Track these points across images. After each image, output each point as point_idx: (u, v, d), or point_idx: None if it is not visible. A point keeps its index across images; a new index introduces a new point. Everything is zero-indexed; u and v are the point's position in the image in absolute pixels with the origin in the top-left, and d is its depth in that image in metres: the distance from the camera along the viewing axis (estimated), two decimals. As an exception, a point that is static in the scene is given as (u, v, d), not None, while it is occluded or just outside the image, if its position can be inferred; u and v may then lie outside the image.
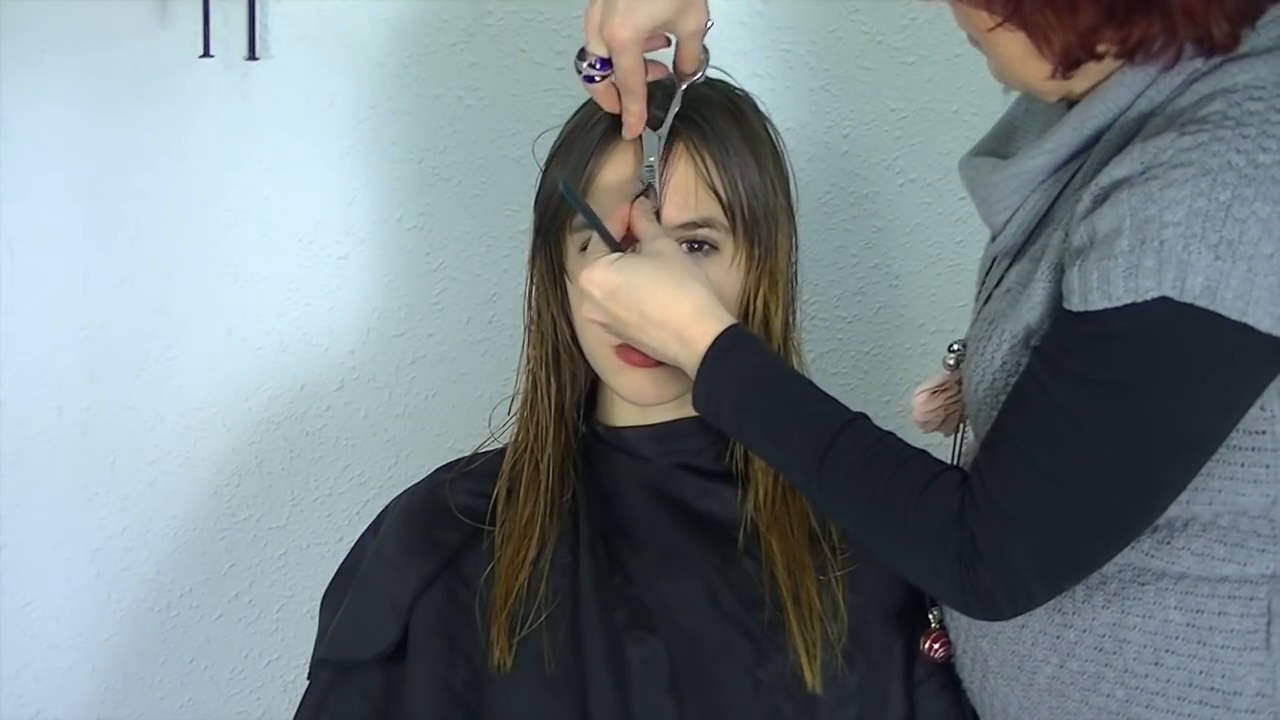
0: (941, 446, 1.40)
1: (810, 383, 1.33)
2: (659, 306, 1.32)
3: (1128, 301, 1.13)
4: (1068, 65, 1.20)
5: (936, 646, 1.43)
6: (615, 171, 1.41)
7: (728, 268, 1.42)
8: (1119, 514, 1.20)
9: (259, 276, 1.96)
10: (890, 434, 1.28)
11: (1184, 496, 1.21)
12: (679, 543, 1.46)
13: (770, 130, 1.49)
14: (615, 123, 1.42)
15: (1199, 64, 1.19)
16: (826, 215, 1.95)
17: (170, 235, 1.94)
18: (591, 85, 1.41)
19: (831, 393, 1.36)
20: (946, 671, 1.47)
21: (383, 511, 1.59)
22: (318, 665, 1.53)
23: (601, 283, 1.34)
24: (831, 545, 1.46)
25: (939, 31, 1.94)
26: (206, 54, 1.87)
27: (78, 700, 2.01)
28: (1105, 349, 1.15)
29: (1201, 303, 1.11)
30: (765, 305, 1.44)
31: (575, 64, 1.41)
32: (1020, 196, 1.29)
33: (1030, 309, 1.24)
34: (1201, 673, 1.25)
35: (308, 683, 1.54)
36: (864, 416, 1.29)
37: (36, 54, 1.88)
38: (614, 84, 1.40)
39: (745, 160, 1.43)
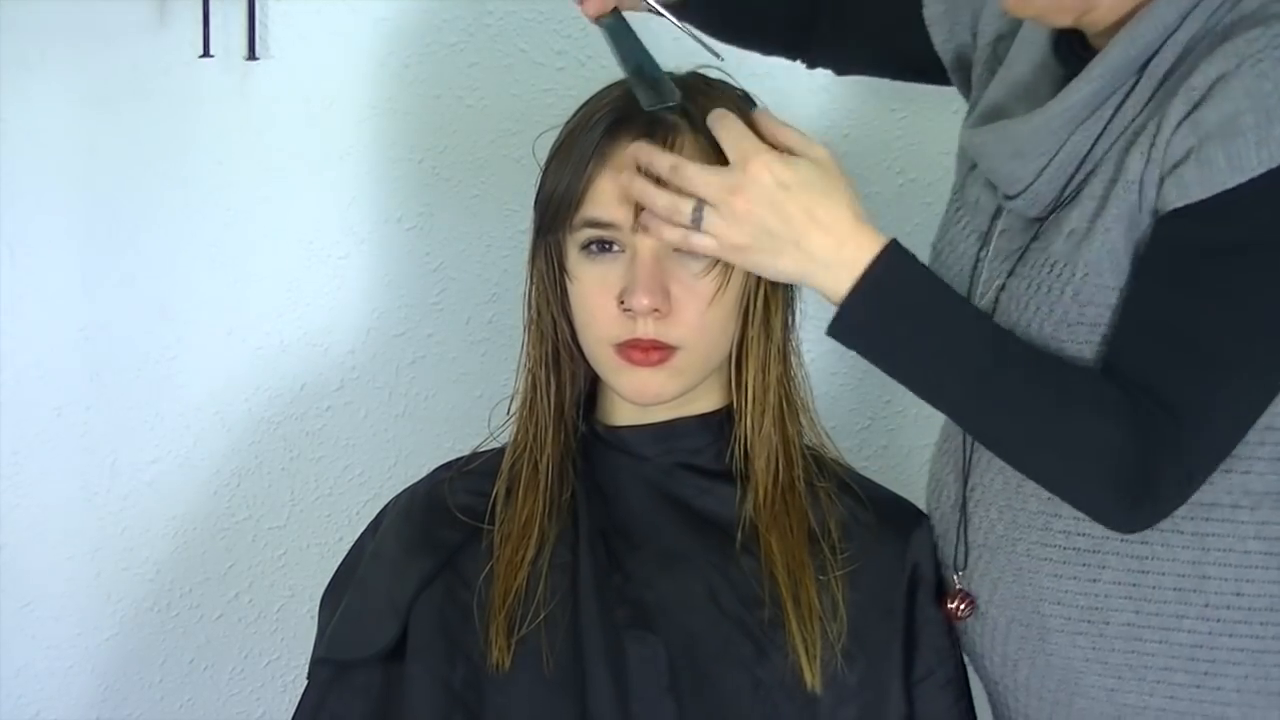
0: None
1: (962, 297, 1.34)
2: (829, 211, 1.31)
3: (1265, 169, 1.20)
4: None
5: (965, 606, 1.44)
6: (616, 171, 1.41)
7: (729, 267, 1.42)
8: (1265, 384, 1.26)
9: (259, 276, 1.96)
10: (1044, 349, 1.33)
11: None
12: (679, 542, 1.46)
13: (771, 132, 1.49)
14: (616, 123, 1.42)
15: None
16: (826, 215, 1.95)
17: (170, 235, 1.94)
18: None
19: (831, 393, 1.36)
20: (946, 670, 1.47)
21: (382, 511, 1.59)
22: (317, 664, 1.53)
23: (780, 174, 1.30)
24: (831, 545, 1.45)
25: (939, 31, 1.94)
26: (206, 54, 1.88)
27: (78, 700, 2.01)
28: (1243, 217, 1.22)
29: None
30: (766, 305, 1.44)
31: None
32: (1059, 139, 1.32)
33: (1107, 230, 1.28)
34: None
35: (307, 682, 1.55)
36: (1012, 333, 1.34)
37: (36, 54, 1.88)
38: None
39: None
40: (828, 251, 1.30)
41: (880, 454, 1.99)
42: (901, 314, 1.30)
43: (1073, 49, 1.35)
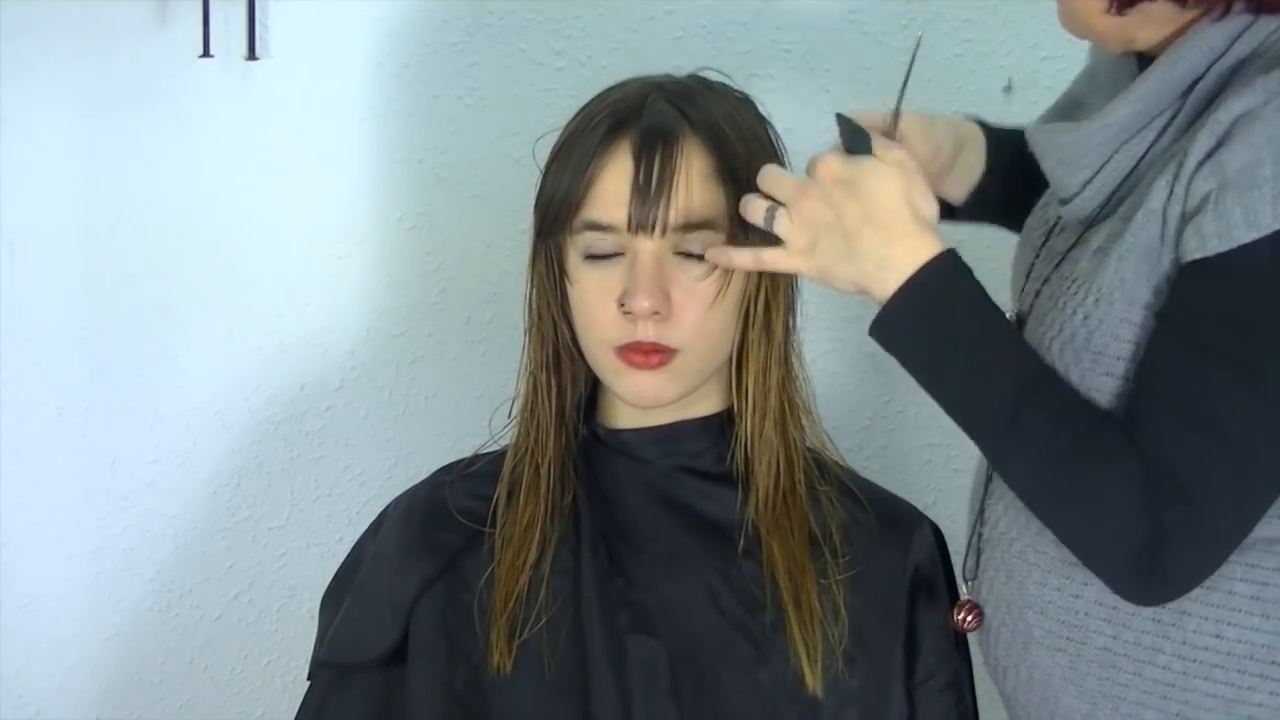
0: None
1: (1010, 323, 1.31)
2: (885, 210, 1.28)
3: (1278, 228, 1.15)
4: (1122, 2, 1.22)
5: (970, 618, 1.43)
6: (616, 173, 1.41)
7: (730, 271, 1.42)
8: None
9: (259, 276, 1.96)
10: (1078, 395, 1.28)
11: None
12: (680, 545, 1.46)
13: (771, 134, 1.49)
14: (616, 125, 1.41)
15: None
16: (826, 215, 1.95)
17: (170, 235, 1.94)
18: None
19: (831, 393, 1.36)
20: (947, 673, 1.47)
21: (382, 513, 1.59)
22: (318, 667, 1.53)
23: (838, 172, 1.30)
24: (832, 548, 1.45)
25: (939, 31, 1.94)
26: (206, 54, 1.88)
27: (78, 700, 2.01)
28: (1259, 280, 1.17)
29: None
30: (767, 308, 1.43)
31: None
32: (1103, 155, 1.29)
33: (1121, 259, 1.24)
34: (1264, 645, 1.27)
35: (308, 684, 1.55)
36: (1054, 372, 1.29)
37: (37, 54, 1.88)
38: None
39: (747, 164, 1.42)
40: (878, 249, 1.28)
41: (880, 454, 1.99)
42: (938, 329, 1.28)
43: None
